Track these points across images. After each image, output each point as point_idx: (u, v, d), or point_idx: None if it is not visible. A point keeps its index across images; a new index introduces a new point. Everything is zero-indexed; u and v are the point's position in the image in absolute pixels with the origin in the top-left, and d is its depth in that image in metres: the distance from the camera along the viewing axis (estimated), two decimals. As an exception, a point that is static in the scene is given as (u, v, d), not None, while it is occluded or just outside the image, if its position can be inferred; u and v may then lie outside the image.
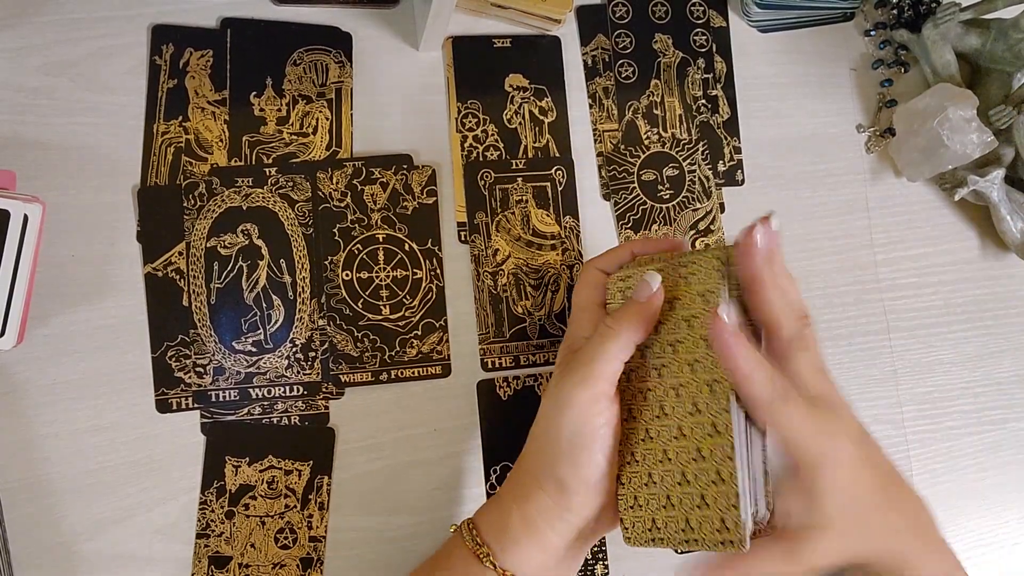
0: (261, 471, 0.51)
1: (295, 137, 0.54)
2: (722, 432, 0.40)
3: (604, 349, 0.42)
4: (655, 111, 0.60)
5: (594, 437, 0.42)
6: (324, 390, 0.52)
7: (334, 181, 0.54)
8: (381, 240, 0.54)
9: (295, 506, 0.51)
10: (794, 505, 0.39)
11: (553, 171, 0.58)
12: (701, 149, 0.60)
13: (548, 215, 0.57)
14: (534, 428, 0.46)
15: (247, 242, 0.52)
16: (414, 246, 0.55)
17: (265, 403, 0.51)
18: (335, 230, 0.54)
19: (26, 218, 0.45)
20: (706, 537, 0.40)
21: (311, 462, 0.51)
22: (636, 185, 0.59)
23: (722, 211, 0.60)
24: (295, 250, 0.53)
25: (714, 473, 0.40)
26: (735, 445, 0.39)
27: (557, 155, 0.58)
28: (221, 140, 0.53)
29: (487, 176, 0.57)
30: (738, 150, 0.61)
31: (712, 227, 0.60)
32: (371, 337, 0.53)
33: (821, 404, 0.39)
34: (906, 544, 0.41)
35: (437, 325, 0.54)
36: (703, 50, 0.62)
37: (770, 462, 0.40)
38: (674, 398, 0.42)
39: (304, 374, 0.52)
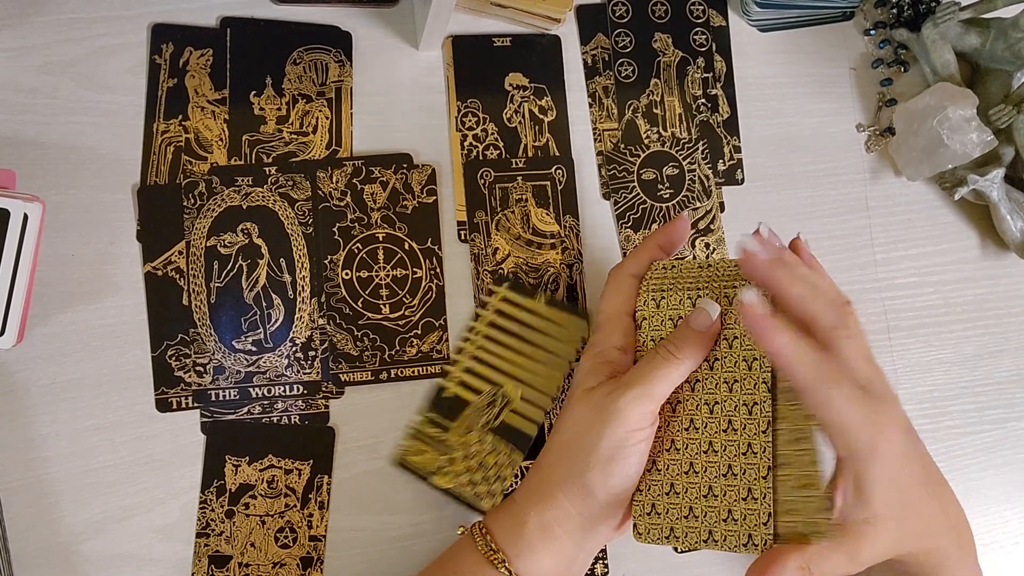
0: (261, 470, 0.51)
1: (295, 136, 0.54)
2: (758, 453, 0.40)
3: (665, 372, 0.42)
4: (655, 110, 0.60)
5: (634, 451, 0.42)
6: (324, 389, 0.52)
7: (334, 180, 0.54)
8: (381, 239, 0.54)
9: (295, 505, 0.51)
10: (842, 498, 0.38)
11: (553, 170, 0.58)
12: (701, 148, 0.60)
13: (548, 214, 0.57)
14: (561, 434, 0.45)
15: (247, 241, 0.52)
16: (414, 245, 0.55)
17: (265, 402, 0.51)
18: (335, 229, 0.54)
19: (26, 217, 0.45)
20: (729, 548, 0.41)
21: (311, 461, 0.51)
22: (636, 184, 0.59)
23: (722, 210, 0.60)
24: (295, 249, 0.53)
25: (745, 490, 0.40)
26: (771, 466, 0.40)
27: (557, 154, 0.58)
28: (221, 139, 0.53)
29: (487, 175, 0.57)
30: (738, 149, 0.61)
31: (712, 226, 0.60)
32: (371, 336, 0.53)
33: (870, 392, 0.38)
34: (945, 547, 0.40)
35: (437, 324, 0.54)
36: (703, 49, 0.62)
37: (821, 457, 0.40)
38: (707, 413, 0.43)
39: (304, 373, 0.52)
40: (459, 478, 0.52)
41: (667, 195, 0.59)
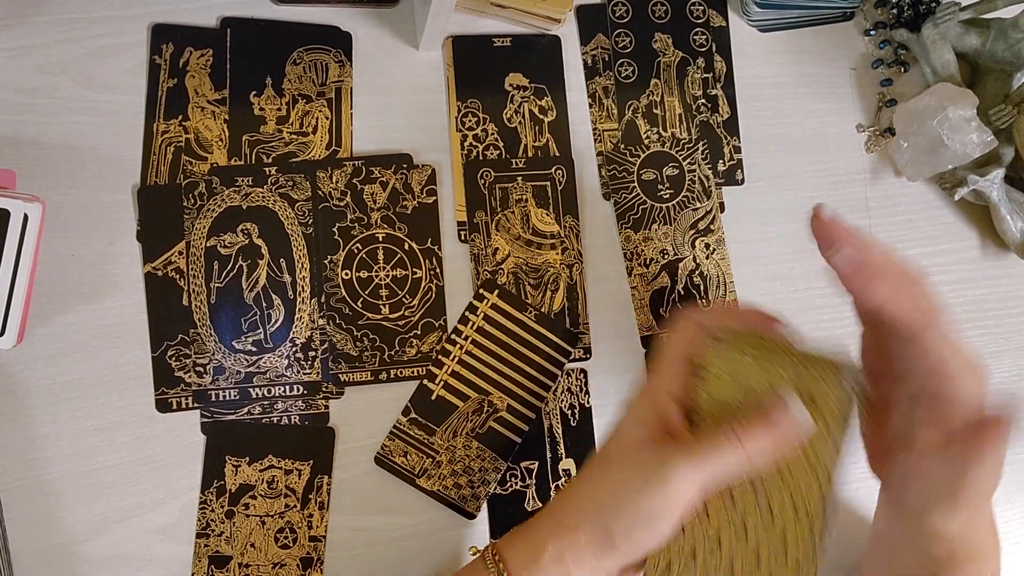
0: (261, 471, 0.51)
1: (295, 136, 0.54)
2: (789, 546, 0.39)
3: (725, 457, 0.40)
4: (655, 111, 0.60)
5: (668, 519, 0.40)
6: (324, 390, 0.52)
7: (334, 180, 0.54)
8: (381, 239, 0.54)
9: (295, 506, 0.51)
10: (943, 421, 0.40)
11: (553, 170, 0.58)
12: (701, 148, 0.60)
13: (548, 214, 0.57)
14: (595, 472, 0.43)
15: (247, 241, 0.52)
16: (414, 245, 0.55)
17: (265, 403, 0.51)
18: (335, 229, 0.54)
19: (26, 217, 0.45)
20: None
21: (311, 462, 0.51)
22: (636, 184, 0.59)
23: (722, 210, 0.60)
24: (295, 249, 0.53)
25: None
26: (800, 559, 0.39)
27: (557, 154, 0.58)
28: (221, 139, 0.53)
29: (487, 175, 0.57)
30: (738, 149, 0.61)
31: (712, 227, 0.60)
32: (371, 336, 0.53)
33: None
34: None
35: (436, 324, 0.54)
36: (703, 49, 0.62)
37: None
38: (751, 494, 0.41)
39: (304, 373, 0.52)
40: (444, 481, 0.52)
41: (667, 195, 0.59)
